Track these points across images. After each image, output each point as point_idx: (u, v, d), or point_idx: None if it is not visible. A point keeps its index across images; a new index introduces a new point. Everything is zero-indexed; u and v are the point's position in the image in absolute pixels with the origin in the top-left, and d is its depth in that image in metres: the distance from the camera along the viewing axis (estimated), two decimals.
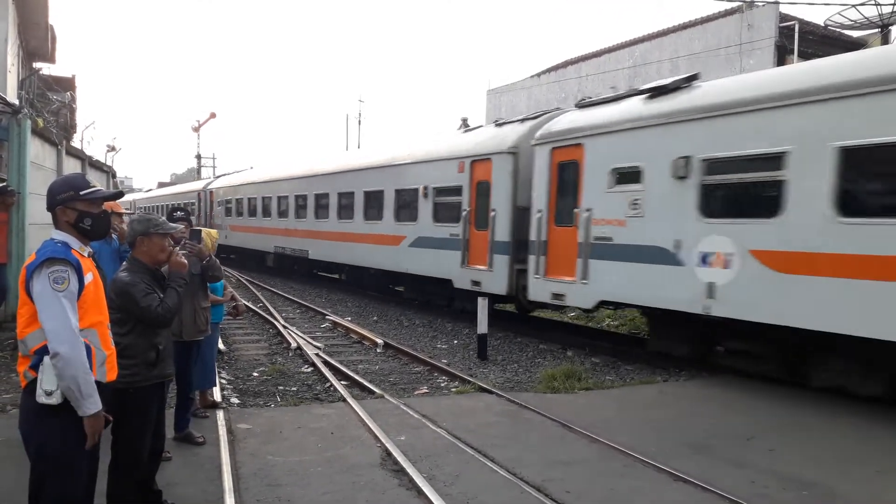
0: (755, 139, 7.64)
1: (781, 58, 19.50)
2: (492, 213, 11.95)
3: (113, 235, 5.80)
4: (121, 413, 3.50)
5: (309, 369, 9.18)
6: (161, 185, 62.14)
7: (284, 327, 12.03)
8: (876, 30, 20.46)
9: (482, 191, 12.40)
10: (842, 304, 6.85)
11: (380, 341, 10.91)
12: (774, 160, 7.46)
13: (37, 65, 25.30)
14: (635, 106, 9.55)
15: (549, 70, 28.74)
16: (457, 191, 13.06)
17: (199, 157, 60.73)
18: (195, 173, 60.21)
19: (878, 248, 6.54)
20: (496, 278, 11.89)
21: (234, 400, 7.44)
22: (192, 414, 6.22)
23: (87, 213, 3.19)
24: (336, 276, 21.00)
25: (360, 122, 55.32)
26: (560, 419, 6.49)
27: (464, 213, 12.74)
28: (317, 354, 9.80)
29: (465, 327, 12.54)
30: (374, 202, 16.11)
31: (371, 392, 7.77)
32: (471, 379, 8.45)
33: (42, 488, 3.04)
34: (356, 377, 8.47)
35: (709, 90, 8.70)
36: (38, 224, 10.75)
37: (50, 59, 25.56)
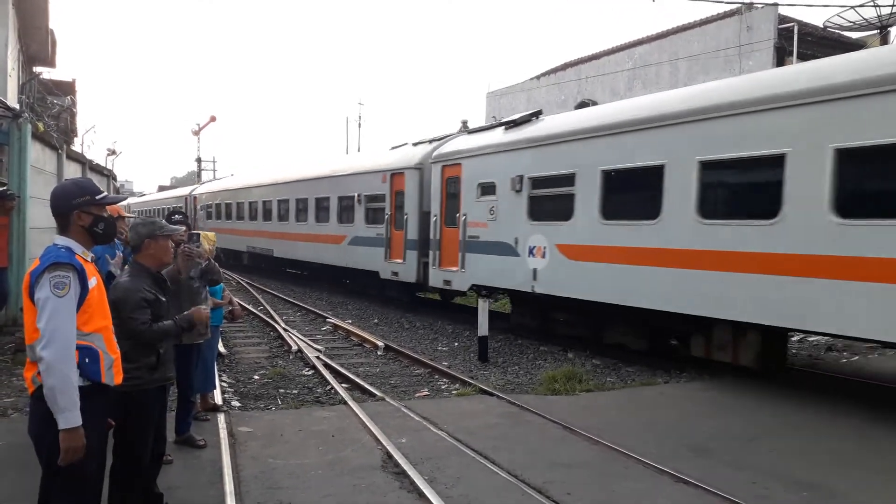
0: (560, 163, 10.63)
1: (781, 59, 19.51)
2: (405, 217, 14.80)
3: (117, 240, 5.80)
4: (122, 417, 3.51)
5: (310, 372, 9.19)
6: (161, 188, 62.18)
7: (285, 330, 12.03)
8: (875, 31, 20.49)
9: (399, 199, 15.25)
10: (609, 282, 9.67)
11: (380, 344, 10.91)
12: (568, 179, 10.41)
13: (37, 69, 25.32)
14: (496, 134, 12.61)
15: (548, 72, 28.76)
16: (381, 198, 15.98)
17: (199, 160, 60.75)
18: (195, 177, 60.21)
19: (627, 241, 9.42)
20: (408, 269, 14.77)
21: (235, 403, 7.45)
22: (193, 417, 6.23)
23: (101, 217, 3.22)
24: (299, 271, 23.46)
25: (359, 124, 55.44)
26: (561, 421, 6.49)
27: (386, 217, 15.64)
28: (317, 357, 9.80)
29: (466, 329, 12.54)
30: (323, 207, 19.18)
31: (372, 394, 7.77)
32: (472, 381, 8.45)
33: (53, 493, 3.04)
34: (357, 380, 8.47)
35: (541, 125, 11.63)
36: (38, 228, 10.76)
37: (50, 63, 25.59)
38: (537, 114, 12.20)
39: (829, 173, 7.00)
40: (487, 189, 12.24)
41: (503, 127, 12.52)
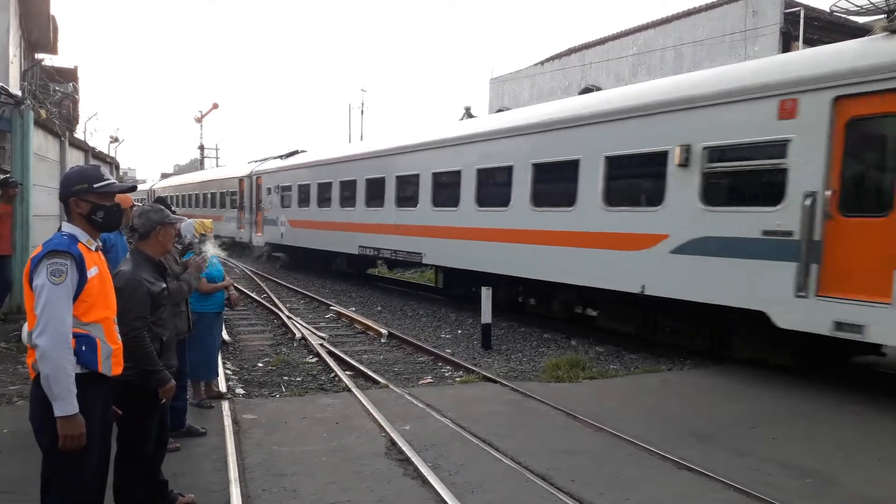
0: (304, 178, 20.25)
1: (787, 44, 19.33)
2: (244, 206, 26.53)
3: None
4: (125, 405, 3.51)
5: (313, 360, 9.21)
6: (164, 175, 62.10)
7: (289, 318, 12.05)
8: (882, 15, 20.26)
9: (247, 194, 26.01)
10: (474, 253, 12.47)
11: (384, 331, 10.93)
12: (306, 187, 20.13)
13: (39, 56, 25.24)
14: (276, 162, 23.53)
15: (552, 58, 28.55)
16: (235, 194, 27.44)
17: (202, 147, 60.69)
18: (199, 164, 60.14)
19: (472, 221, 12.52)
20: (260, 238, 24.58)
21: (240, 390, 7.47)
22: (198, 405, 6.26)
23: (100, 205, 3.17)
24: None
25: (362, 111, 55.13)
26: (564, 408, 6.50)
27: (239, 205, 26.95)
28: (321, 345, 9.82)
29: (469, 317, 12.55)
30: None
31: (375, 382, 7.79)
32: (475, 368, 8.46)
33: (53, 479, 3.05)
34: (361, 367, 8.49)
35: (305, 156, 21.69)
36: (41, 216, 10.77)
37: (52, 49, 25.48)
38: (297, 152, 22.19)
39: (602, 176, 9.79)
40: (270, 190, 22.87)
41: (279, 158, 23.20)
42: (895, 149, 6.90)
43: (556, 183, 10.88)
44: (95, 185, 3.17)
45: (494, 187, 12.02)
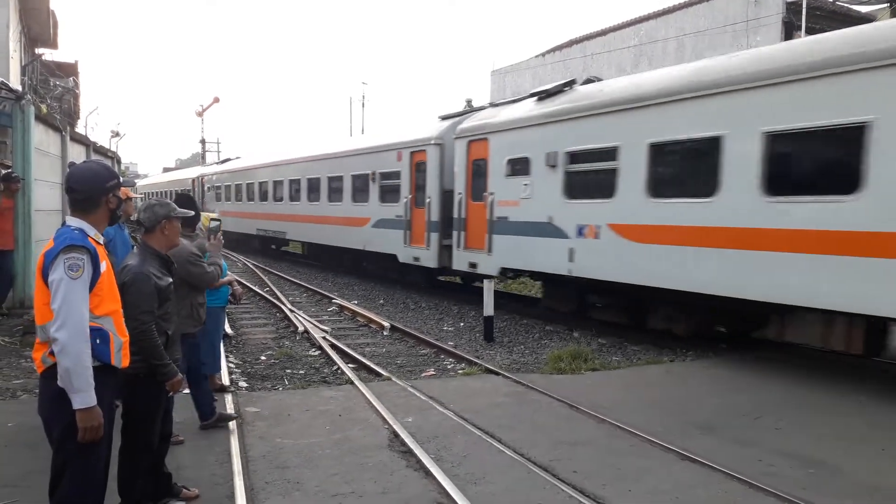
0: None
1: (789, 34, 19.22)
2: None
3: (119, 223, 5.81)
4: (130, 398, 3.52)
5: (316, 352, 9.22)
6: (166, 170, 62.12)
7: (291, 311, 12.06)
8: (885, 4, 20.14)
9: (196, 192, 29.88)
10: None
11: (386, 324, 10.93)
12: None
13: (39, 51, 25.21)
14: (214, 167, 29.56)
15: (553, 49, 28.45)
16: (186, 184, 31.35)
17: (203, 141, 60.64)
18: (200, 158, 60.12)
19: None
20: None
21: (243, 383, 7.48)
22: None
23: (121, 200, 3.37)
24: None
25: (363, 104, 55.16)
26: (567, 400, 6.51)
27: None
28: (324, 338, 9.83)
29: (472, 310, 12.55)
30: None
31: (378, 374, 7.80)
32: (477, 361, 8.47)
33: (64, 472, 3.07)
34: (363, 360, 8.50)
35: (233, 163, 25.71)
36: (43, 210, 10.77)
37: (52, 44, 25.45)
38: (228, 159, 20.31)
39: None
40: (209, 189, 24.59)
41: (216, 164, 21.34)
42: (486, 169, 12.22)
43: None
44: (122, 180, 3.37)
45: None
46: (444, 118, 14.83)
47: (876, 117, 6.71)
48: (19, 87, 11.21)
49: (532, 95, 12.01)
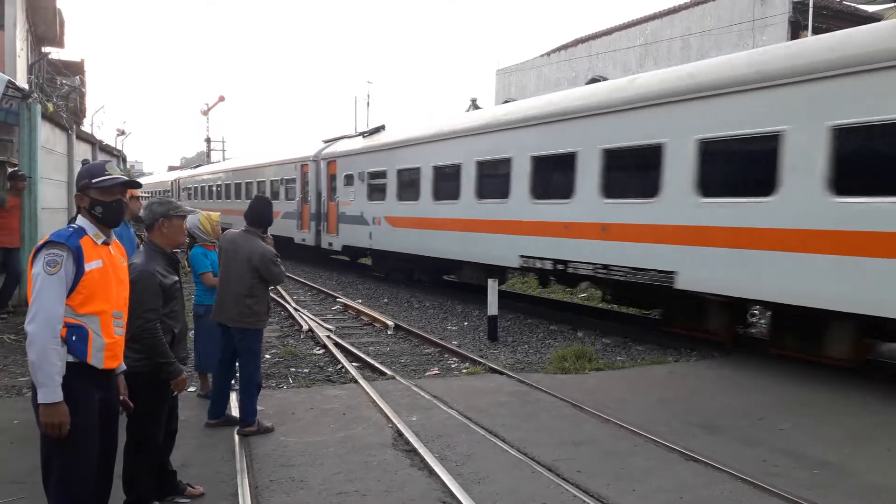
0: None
1: (795, 34, 19.14)
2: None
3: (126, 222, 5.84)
4: (135, 396, 3.53)
5: (320, 351, 9.23)
6: (171, 168, 62.22)
7: (296, 310, 12.08)
8: (892, 4, 20.03)
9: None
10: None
11: (390, 323, 10.94)
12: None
13: (45, 49, 25.29)
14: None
15: (559, 49, 28.39)
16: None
17: (208, 140, 60.75)
18: (205, 157, 60.24)
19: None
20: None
21: None
22: (205, 396, 6.28)
23: (98, 200, 3.21)
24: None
25: (368, 103, 54.96)
26: (571, 399, 6.50)
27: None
28: (328, 336, 9.84)
29: (476, 309, 12.55)
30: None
31: (382, 373, 7.81)
32: (481, 360, 8.47)
33: (51, 468, 3.08)
34: (367, 359, 8.51)
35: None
36: (49, 208, 10.81)
37: (58, 43, 25.52)
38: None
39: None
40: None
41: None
42: (335, 180, 18.52)
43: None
44: (94, 181, 3.22)
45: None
46: (325, 141, 20.66)
47: (788, 128, 7.42)
48: (26, 86, 11.24)
49: (359, 134, 18.67)
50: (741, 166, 8.30)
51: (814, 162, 7.23)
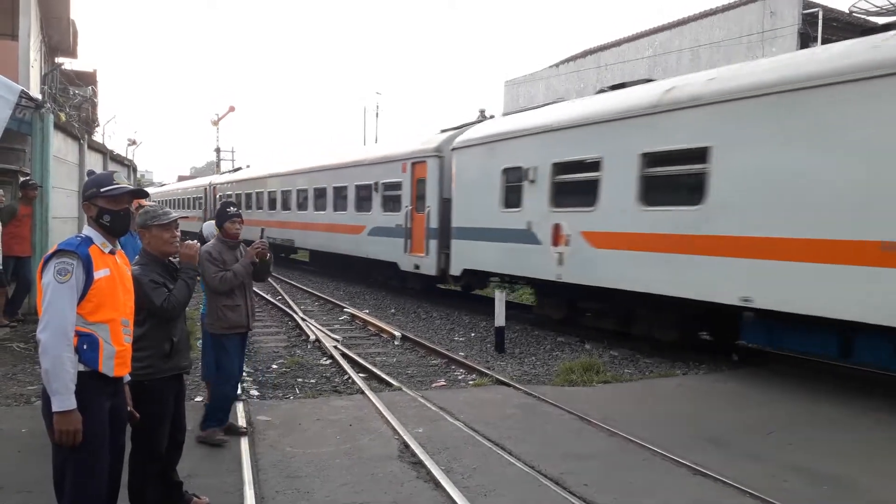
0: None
1: (804, 45, 19.13)
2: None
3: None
4: (137, 405, 3.54)
5: (327, 361, 9.24)
6: (181, 178, 62.65)
7: (303, 320, 12.10)
8: None
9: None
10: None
11: (397, 334, 10.94)
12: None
13: (59, 59, 25.56)
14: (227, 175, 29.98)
15: (567, 60, 28.48)
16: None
17: (218, 150, 61.11)
18: (214, 167, 60.60)
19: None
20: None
21: (254, 392, 7.50)
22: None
23: (106, 209, 3.24)
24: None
25: (377, 114, 55.19)
26: (578, 412, 6.47)
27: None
28: (335, 347, 9.85)
29: (482, 320, 12.53)
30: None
31: (389, 384, 7.80)
32: (488, 371, 8.45)
33: (65, 477, 3.09)
34: (374, 369, 8.51)
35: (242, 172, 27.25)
36: (60, 217, 10.89)
37: (72, 53, 25.79)
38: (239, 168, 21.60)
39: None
40: (221, 197, 21.33)
41: (229, 172, 22.47)
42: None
43: None
44: (102, 190, 3.25)
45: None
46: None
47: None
48: (39, 96, 11.36)
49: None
50: None
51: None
